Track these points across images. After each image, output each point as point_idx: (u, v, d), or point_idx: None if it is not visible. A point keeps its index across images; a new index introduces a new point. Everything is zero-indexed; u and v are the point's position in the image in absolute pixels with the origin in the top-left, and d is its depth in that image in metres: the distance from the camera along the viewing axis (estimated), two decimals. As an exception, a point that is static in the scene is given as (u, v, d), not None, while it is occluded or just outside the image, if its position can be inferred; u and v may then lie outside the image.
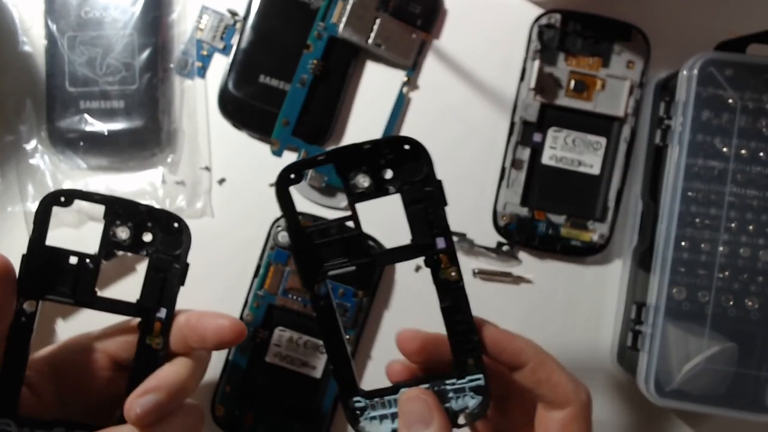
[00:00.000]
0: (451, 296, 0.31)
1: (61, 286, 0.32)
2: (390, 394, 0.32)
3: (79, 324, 0.44)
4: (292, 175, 0.31)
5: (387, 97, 0.45)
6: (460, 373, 0.31)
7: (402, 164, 0.30)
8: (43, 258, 0.32)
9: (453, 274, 0.31)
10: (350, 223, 0.31)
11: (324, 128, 0.45)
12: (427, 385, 0.31)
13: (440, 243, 0.30)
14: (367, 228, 0.42)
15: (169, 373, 0.32)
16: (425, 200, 0.30)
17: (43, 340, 0.42)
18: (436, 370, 0.33)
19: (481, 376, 0.31)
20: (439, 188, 0.30)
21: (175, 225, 0.33)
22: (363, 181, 0.30)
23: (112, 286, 0.44)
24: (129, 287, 0.43)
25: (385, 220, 0.33)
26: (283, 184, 0.31)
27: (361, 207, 0.31)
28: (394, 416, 0.32)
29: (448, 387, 0.31)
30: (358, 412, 0.32)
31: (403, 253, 0.31)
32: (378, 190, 0.30)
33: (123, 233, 0.33)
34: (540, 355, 0.31)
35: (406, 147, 0.30)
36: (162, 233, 0.33)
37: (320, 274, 0.31)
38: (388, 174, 0.30)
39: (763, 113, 0.39)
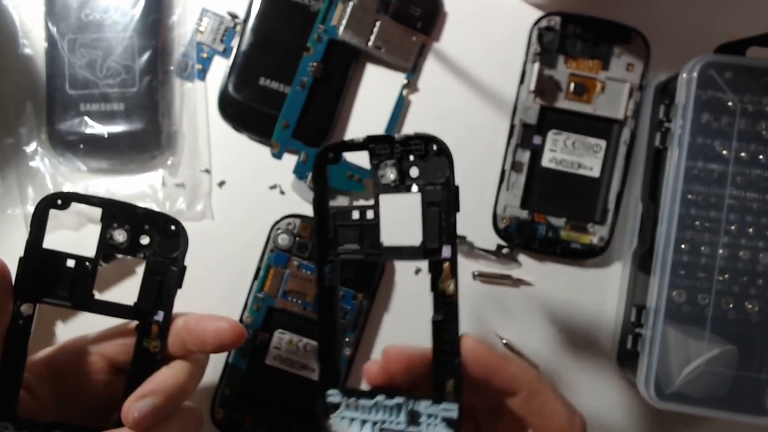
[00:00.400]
0: (444, 311, 0.30)
1: (58, 289, 0.32)
2: (366, 398, 0.31)
3: (77, 326, 0.44)
4: (330, 155, 0.32)
5: (387, 99, 0.45)
6: (438, 397, 0.30)
7: (427, 164, 0.31)
8: (40, 261, 0.32)
9: (450, 287, 0.30)
10: (371, 213, 0.32)
11: (324, 131, 0.45)
12: (401, 400, 0.31)
13: (446, 251, 0.30)
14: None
15: (167, 376, 0.32)
16: (442, 204, 0.30)
17: (41, 343, 0.41)
18: (421, 386, 0.32)
19: (456, 406, 0.30)
20: (456, 194, 0.30)
21: (173, 227, 0.33)
22: (390, 173, 0.31)
23: (111, 288, 0.44)
24: (128, 289, 0.43)
25: (387, 220, 0.32)
26: (321, 162, 0.32)
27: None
28: (364, 422, 0.31)
29: (422, 410, 0.30)
30: (331, 407, 0.32)
31: (410, 253, 0.31)
32: (402, 185, 0.31)
33: (120, 236, 0.33)
34: (534, 383, 0.30)
35: (434, 147, 0.31)
36: (159, 236, 0.33)
37: (332, 255, 0.32)
38: (414, 172, 0.31)
39: (763, 116, 0.39)
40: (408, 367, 0.31)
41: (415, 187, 0.31)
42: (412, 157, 0.31)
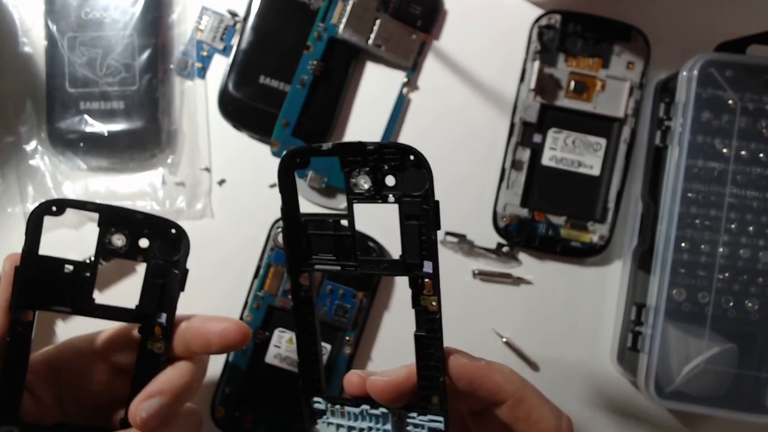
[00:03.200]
0: (427, 327, 0.29)
1: (57, 296, 0.32)
2: (351, 405, 0.31)
3: (78, 326, 0.43)
4: (298, 160, 0.30)
5: (387, 98, 0.45)
6: (423, 410, 0.30)
7: (404, 175, 0.28)
8: (37, 268, 0.32)
9: (434, 303, 0.29)
10: (345, 222, 0.30)
11: (324, 129, 0.45)
12: (385, 410, 0.30)
13: (427, 267, 0.29)
14: (369, 228, 0.43)
15: (172, 376, 0.32)
16: (421, 218, 0.28)
17: (43, 341, 0.42)
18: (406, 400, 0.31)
19: (441, 419, 0.30)
20: (435, 210, 0.28)
21: (173, 231, 0.33)
22: (364, 182, 0.29)
23: (114, 287, 0.44)
24: (132, 289, 0.43)
25: (390, 222, 0.32)
26: (286, 167, 0.30)
27: (364, 207, 0.30)
28: (351, 429, 0.31)
29: (409, 419, 0.30)
30: (317, 413, 0.32)
31: (389, 267, 0.30)
32: (377, 195, 0.29)
33: (119, 240, 0.33)
34: (519, 390, 0.30)
35: (411, 158, 0.28)
36: (159, 239, 0.33)
37: (307, 265, 0.31)
38: (390, 181, 0.29)
39: (763, 114, 0.39)
40: (398, 396, 0.30)
41: (391, 198, 0.29)
42: (386, 166, 0.28)
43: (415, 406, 0.30)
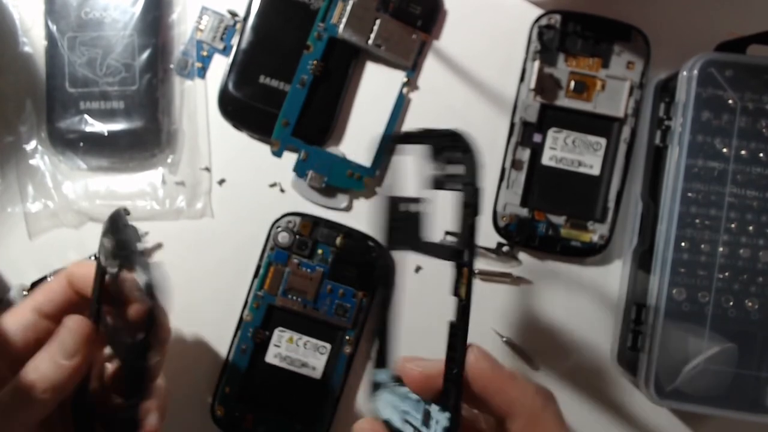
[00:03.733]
0: (457, 314, 0.29)
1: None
2: (402, 386, 0.32)
3: None
4: (396, 144, 0.34)
5: (387, 97, 0.45)
6: (444, 405, 0.29)
7: (463, 161, 0.29)
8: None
9: (464, 291, 0.29)
10: (420, 205, 0.33)
11: (324, 129, 0.45)
12: (418, 398, 0.31)
13: (467, 256, 0.29)
14: (369, 228, 0.43)
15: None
16: (470, 205, 0.29)
17: None
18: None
19: (449, 416, 0.29)
20: (476, 196, 0.29)
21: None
22: (436, 168, 0.31)
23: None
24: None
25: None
26: (390, 150, 0.35)
27: (362, 204, 0.32)
28: (394, 407, 0.31)
29: (433, 413, 0.30)
30: (377, 386, 0.33)
31: (442, 252, 0.31)
32: (448, 182, 0.31)
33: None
34: (536, 412, 0.28)
35: (464, 144, 0.29)
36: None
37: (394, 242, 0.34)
38: (454, 169, 0.30)
39: (763, 114, 0.39)
40: (427, 387, 0.30)
41: (456, 186, 0.30)
42: (453, 154, 0.30)
43: (438, 400, 0.30)
